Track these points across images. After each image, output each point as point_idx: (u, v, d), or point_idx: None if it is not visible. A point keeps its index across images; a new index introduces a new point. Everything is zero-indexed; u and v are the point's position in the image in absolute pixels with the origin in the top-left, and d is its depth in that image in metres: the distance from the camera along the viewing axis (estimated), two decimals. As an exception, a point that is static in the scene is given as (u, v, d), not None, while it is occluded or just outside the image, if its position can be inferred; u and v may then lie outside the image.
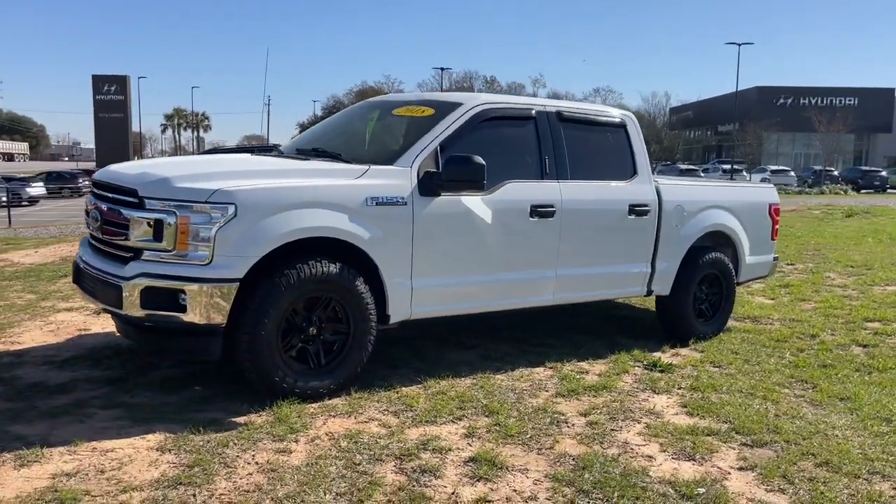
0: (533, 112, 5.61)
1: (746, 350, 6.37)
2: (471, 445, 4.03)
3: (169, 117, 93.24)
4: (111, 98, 49.42)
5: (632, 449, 4.13)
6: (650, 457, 4.05)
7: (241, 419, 4.22)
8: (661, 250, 6.30)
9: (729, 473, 3.88)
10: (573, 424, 4.46)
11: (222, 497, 3.30)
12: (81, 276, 4.79)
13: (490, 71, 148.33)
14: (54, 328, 6.10)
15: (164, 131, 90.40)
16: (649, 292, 6.40)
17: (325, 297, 4.59)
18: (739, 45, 53.34)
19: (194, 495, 3.30)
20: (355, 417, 4.35)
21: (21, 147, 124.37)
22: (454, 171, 4.84)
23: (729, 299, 6.93)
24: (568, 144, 5.72)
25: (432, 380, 5.06)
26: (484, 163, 4.85)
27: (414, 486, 3.52)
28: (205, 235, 4.20)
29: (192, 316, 4.20)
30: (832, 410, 4.91)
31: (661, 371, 5.65)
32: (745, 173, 47.69)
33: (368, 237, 4.64)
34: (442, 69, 63.62)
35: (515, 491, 3.54)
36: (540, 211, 5.43)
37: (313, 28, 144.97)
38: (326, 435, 4.06)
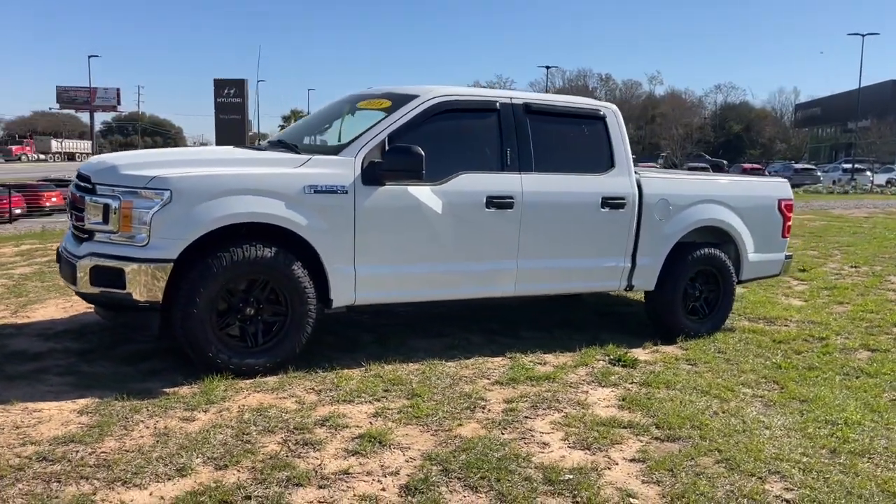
0: (497, 104, 5.64)
1: (735, 350, 6.15)
2: (371, 424, 4.17)
3: (286, 118, 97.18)
4: (230, 101, 52.02)
5: (531, 436, 4.14)
6: (545, 444, 4.05)
7: (171, 390, 4.54)
8: (643, 245, 6.17)
9: (616, 464, 3.84)
10: (489, 410, 4.50)
11: (102, 455, 3.60)
12: (59, 260, 5.27)
13: (605, 68, 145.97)
14: (67, 307, 6.68)
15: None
16: (630, 287, 6.28)
17: (263, 280, 4.84)
18: (863, 35, 50.00)
19: (77, 451, 3.62)
20: (278, 393, 4.58)
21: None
22: (394, 161, 4.98)
23: (727, 297, 6.68)
24: (534, 137, 5.72)
25: (379, 363, 5.22)
26: (422, 153, 4.96)
27: (287, 456, 3.70)
28: (144, 219, 4.55)
29: (133, 293, 4.56)
30: (781, 411, 4.72)
31: (624, 366, 5.56)
32: (868, 173, 44.70)
33: (306, 224, 4.85)
34: (548, 67, 63.16)
35: (382, 466, 3.66)
36: (497, 202, 5.47)
37: (427, 30, 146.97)
38: (238, 407, 4.30)
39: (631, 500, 3.43)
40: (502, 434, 4.13)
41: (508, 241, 5.59)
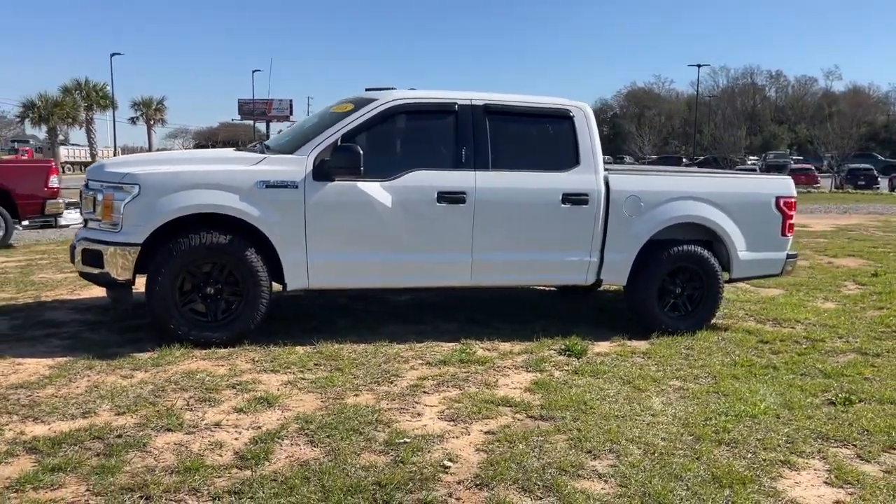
0: (456, 106, 6.03)
1: (704, 347, 6.13)
2: (278, 390, 4.72)
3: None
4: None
5: (412, 408, 4.51)
6: (419, 414, 4.43)
7: (135, 354, 5.31)
8: (611, 240, 6.30)
9: (468, 434, 4.14)
10: (394, 385, 4.91)
11: (35, 397, 4.41)
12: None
13: (776, 65, 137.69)
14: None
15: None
16: (598, 282, 6.42)
17: (221, 264, 5.54)
18: None
19: (19, 394, 4.45)
20: (219, 361, 5.24)
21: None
22: (337, 159, 5.53)
23: (711, 295, 6.63)
24: (493, 135, 6.05)
25: (330, 343, 5.75)
26: (360, 152, 5.47)
27: (181, 409, 4.33)
28: (119, 209, 5.38)
29: (110, 271, 5.41)
30: (686, 402, 4.77)
31: (570, 355, 5.75)
32: None
33: (258, 215, 5.50)
34: (699, 66, 60.66)
35: (252, 422, 4.19)
36: (448, 197, 5.86)
37: (578, 30, 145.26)
38: (176, 370, 5.00)
39: (447, 463, 3.75)
40: (385, 405, 4.54)
41: (462, 233, 5.95)
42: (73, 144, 62.83)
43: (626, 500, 3.42)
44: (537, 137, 6.30)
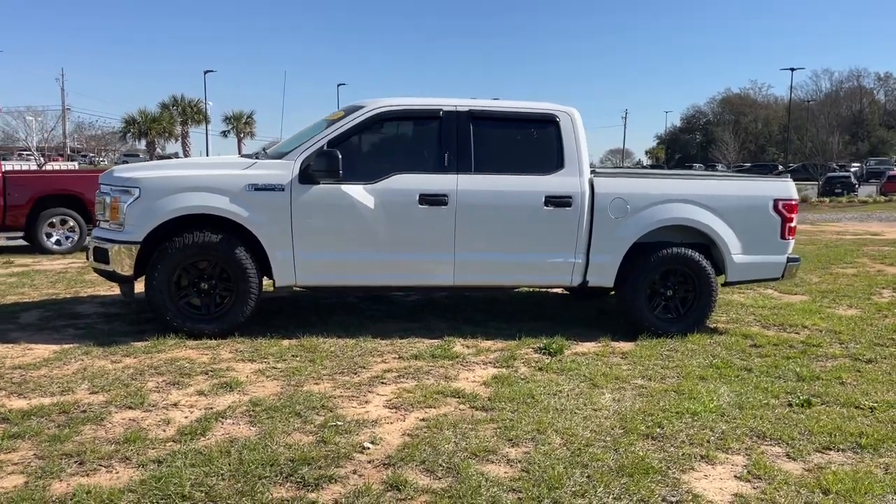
0: (441, 112, 6.27)
1: (689, 349, 6.13)
2: (246, 377, 5.07)
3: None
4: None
5: (363, 396, 4.77)
6: (367, 402, 4.68)
7: (133, 343, 5.79)
8: (597, 242, 6.39)
9: (403, 420, 4.37)
10: (356, 376, 5.17)
11: (28, 376, 4.91)
12: None
13: (885, 67, 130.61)
14: (148, 286, 8.35)
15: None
16: (584, 283, 6.51)
17: (213, 261, 5.96)
18: None
19: (15, 373, 4.97)
20: (204, 350, 5.65)
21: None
22: (318, 163, 5.87)
23: (703, 298, 6.60)
24: (476, 140, 6.26)
25: (316, 337, 6.07)
26: (339, 156, 5.80)
27: (151, 390, 4.73)
28: (123, 210, 5.89)
29: (115, 268, 5.92)
30: (637, 399, 4.84)
31: (545, 354, 5.88)
32: None
33: (247, 215, 5.89)
34: (792, 69, 58.39)
35: (208, 403, 4.53)
36: (430, 199, 6.11)
37: (672, 41, 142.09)
38: (162, 358, 5.43)
39: (368, 445, 3.99)
40: (340, 392, 4.82)
41: (444, 234, 6.17)
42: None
43: (520, 483, 3.57)
44: (522, 141, 6.46)
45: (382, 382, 5.07)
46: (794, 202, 6.72)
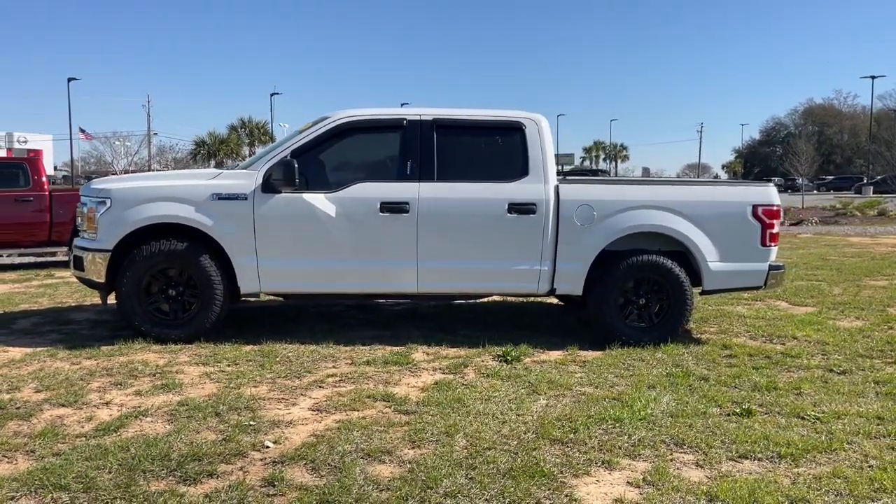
0: (404, 122, 6.34)
1: (658, 359, 5.95)
2: (189, 380, 5.20)
3: (588, 150, 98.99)
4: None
5: (292, 399, 4.84)
6: (294, 404, 4.74)
7: (101, 347, 6.02)
8: (563, 249, 6.31)
9: (320, 422, 4.42)
10: (296, 379, 5.24)
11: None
12: None
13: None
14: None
15: (582, 163, 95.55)
16: (552, 290, 6.43)
17: (180, 269, 6.17)
18: None
19: (-25, 373, 5.26)
20: (165, 354, 5.82)
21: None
22: (277, 173, 6.01)
23: (677, 307, 6.41)
24: (440, 148, 6.29)
25: (280, 343, 6.18)
26: (295, 165, 5.93)
27: (93, 390, 4.92)
28: (96, 220, 6.16)
29: (91, 275, 6.20)
30: (571, 406, 4.74)
31: (503, 362, 5.81)
32: None
33: (212, 224, 6.08)
34: (873, 77, 56.09)
35: (140, 402, 4.68)
36: (391, 207, 6.16)
37: (749, 53, 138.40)
38: (120, 361, 5.63)
39: (269, 444, 4.04)
40: (273, 395, 4.90)
41: (406, 242, 6.21)
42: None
43: (399, 483, 3.56)
44: (486, 149, 6.46)
45: (320, 387, 5.13)
46: (775, 208, 6.49)
